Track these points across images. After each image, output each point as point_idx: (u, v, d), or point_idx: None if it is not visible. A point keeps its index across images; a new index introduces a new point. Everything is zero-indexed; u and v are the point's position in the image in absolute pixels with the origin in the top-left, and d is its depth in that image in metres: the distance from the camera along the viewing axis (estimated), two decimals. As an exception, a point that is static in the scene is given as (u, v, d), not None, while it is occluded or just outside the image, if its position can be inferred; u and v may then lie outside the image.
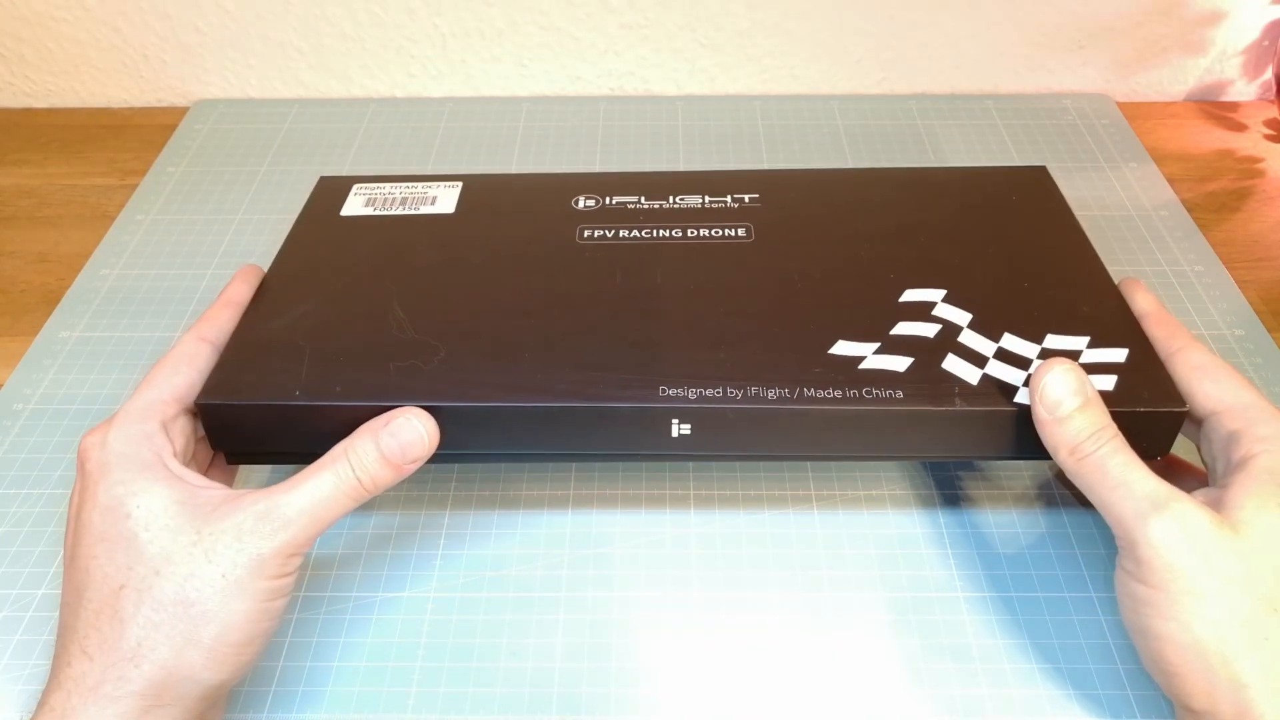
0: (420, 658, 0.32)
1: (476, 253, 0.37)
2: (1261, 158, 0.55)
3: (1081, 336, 0.32)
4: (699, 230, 0.38)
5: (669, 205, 0.39)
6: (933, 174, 0.43)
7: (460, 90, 0.60)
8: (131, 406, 0.28)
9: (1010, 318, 0.33)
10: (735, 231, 0.37)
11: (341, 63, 0.58)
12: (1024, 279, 0.35)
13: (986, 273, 0.35)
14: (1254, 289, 0.46)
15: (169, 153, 0.55)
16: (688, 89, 0.60)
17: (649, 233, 0.37)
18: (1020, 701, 0.31)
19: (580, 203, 0.39)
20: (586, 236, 0.37)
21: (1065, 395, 0.28)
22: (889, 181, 0.42)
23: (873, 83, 0.60)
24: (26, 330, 0.44)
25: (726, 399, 0.30)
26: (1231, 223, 0.50)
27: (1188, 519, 0.26)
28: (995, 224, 0.38)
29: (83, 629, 0.25)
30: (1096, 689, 0.31)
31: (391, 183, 0.41)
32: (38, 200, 0.52)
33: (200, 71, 0.59)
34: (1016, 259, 0.36)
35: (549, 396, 0.30)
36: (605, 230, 0.38)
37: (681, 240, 0.37)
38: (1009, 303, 0.33)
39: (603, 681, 0.31)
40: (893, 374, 0.31)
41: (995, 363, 0.31)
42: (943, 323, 0.33)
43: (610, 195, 0.40)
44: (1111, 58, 0.58)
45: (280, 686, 0.31)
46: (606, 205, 0.39)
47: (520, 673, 0.31)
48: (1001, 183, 0.40)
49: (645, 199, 0.40)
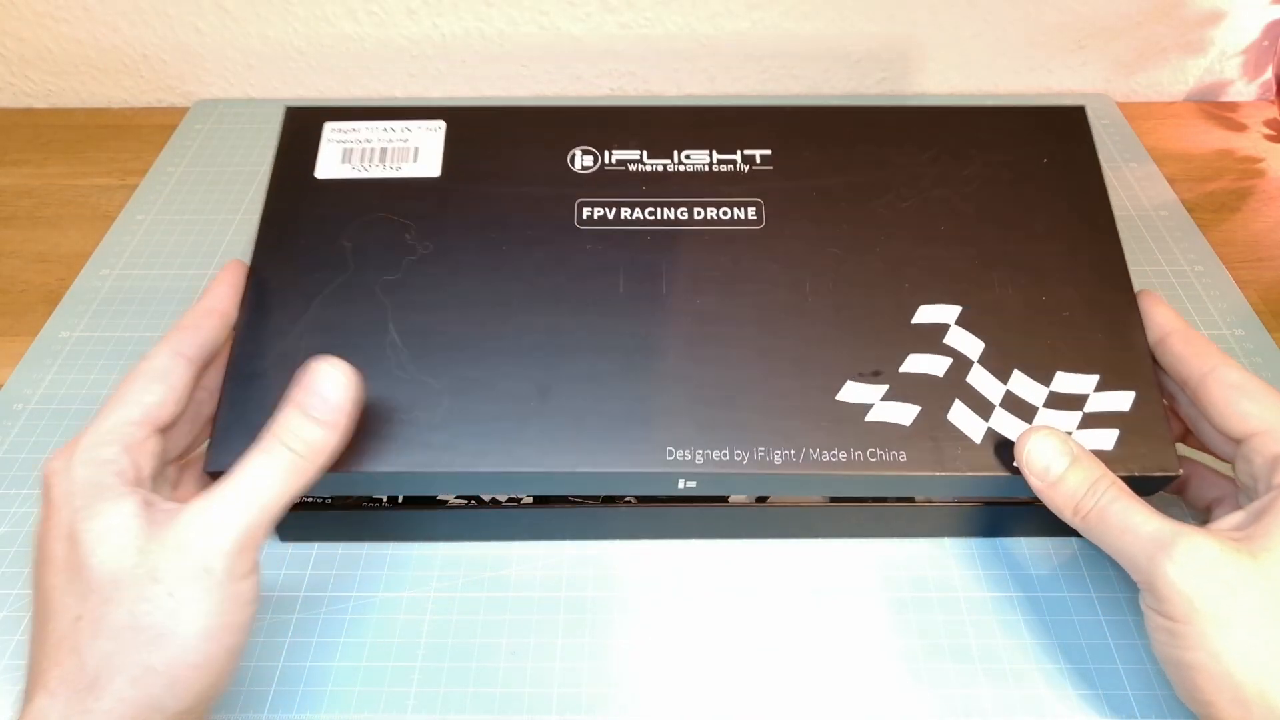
0: (420, 658, 0.32)
1: (468, 242, 0.34)
2: (1261, 158, 0.55)
3: (1090, 375, 0.31)
4: (706, 211, 0.35)
5: (673, 166, 0.36)
6: (961, 116, 0.38)
7: (460, 90, 0.60)
8: (98, 428, 0.27)
9: (1022, 348, 0.32)
10: (745, 213, 0.35)
11: (341, 63, 0.58)
12: (1042, 290, 0.33)
13: (1004, 279, 0.33)
14: (1254, 289, 0.46)
15: (169, 153, 0.55)
16: (688, 89, 0.60)
17: (652, 212, 0.35)
18: (1020, 702, 0.31)
19: (577, 160, 0.36)
20: (586, 218, 0.35)
21: (1052, 459, 0.29)
22: (912, 130, 0.37)
23: (873, 83, 0.60)
24: (26, 330, 0.44)
25: (733, 462, 0.30)
26: (1231, 223, 0.50)
27: (1199, 550, 0.26)
28: (1019, 204, 0.35)
29: (46, 663, 0.24)
30: (1097, 689, 0.31)
31: (367, 120, 0.37)
32: (38, 200, 0.52)
33: (200, 71, 0.59)
34: (1035, 255, 0.34)
35: (552, 462, 0.30)
36: (606, 209, 0.35)
37: (688, 225, 0.34)
38: (1024, 325, 0.32)
39: (603, 681, 0.31)
40: (898, 430, 0.30)
41: (1001, 412, 0.31)
42: (954, 355, 0.32)
43: (609, 147, 0.36)
44: (1111, 58, 0.58)
45: (280, 686, 0.31)
46: (606, 166, 0.36)
47: (520, 673, 0.31)
48: (1034, 133, 0.37)
49: (648, 155, 0.36)
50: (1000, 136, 0.37)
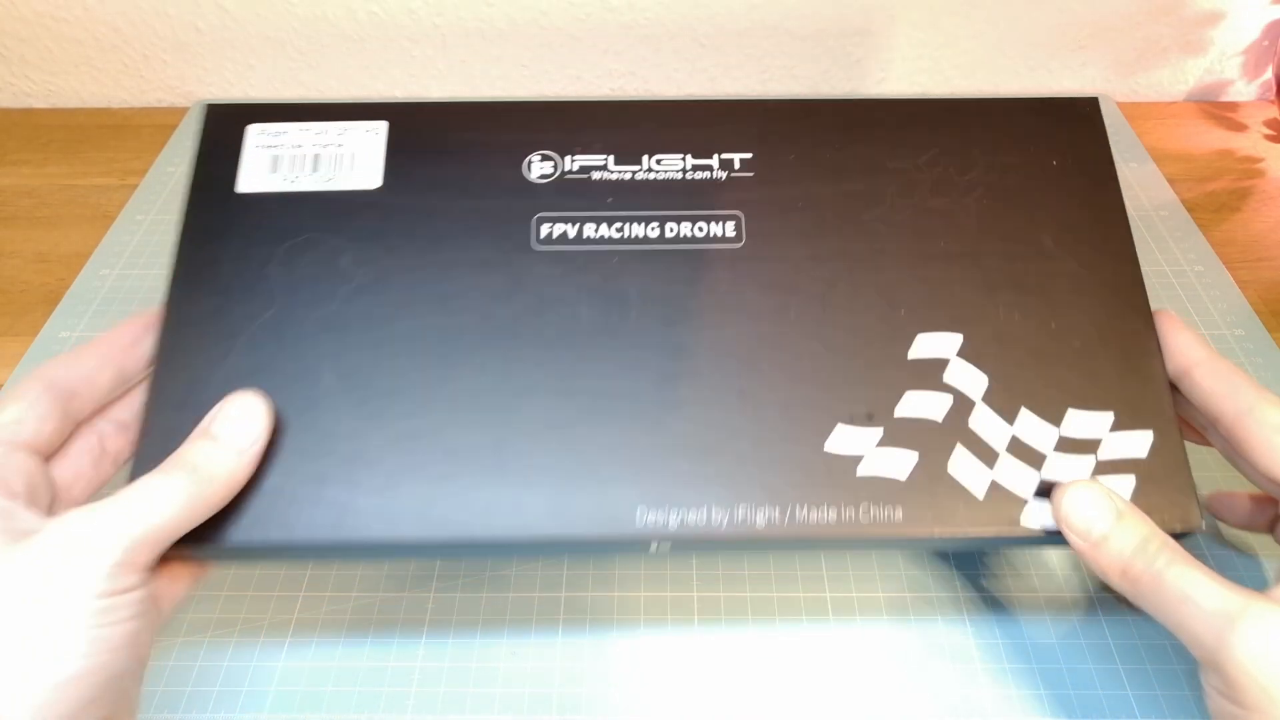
0: (420, 658, 0.32)
1: (413, 268, 0.30)
2: (1261, 158, 0.55)
3: (1105, 412, 0.29)
4: (679, 227, 0.31)
5: (643, 174, 0.32)
6: (962, 110, 0.34)
7: (460, 90, 0.60)
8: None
9: (1030, 381, 0.29)
10: (723, 229, 0.31)
11: (341, 63, 0.58)
12: (1051, 314, 0.30)
13: (1010, 303, 0.30)
14: (1254, 289, 0.46)
15: (169, 153, 0.55)
16: (688, 89, 0.60)
17: (619, 229, 0.31)
18: (1020, 701, 0.31)
19: (533, 167, 0.32)
20: (545, 237, 0.31)
21: (1095, 516, 0.26)
22: (908, 128, 0.33)
23: (873, 83, 0.60)
24: (26, 330, 0.44)
25: (710, 526, 0.27)
26: (1231, 223, 0.50)
27: (1274, 629, 0.23)
28: (1026, 214, 0.32)
29: None
30: (1096, 689, 0.31)
31: (297, 122, 0.33)
32: (38, 200, 0.52)
33: (200, 71, 0.59)
34: (1044, 275, 0.31)
35: (509, 527, 0.27)
36: (566, 225, 0.31)
37: (658, 244, 0.31)
38: (1032, 355, 0.29)
39: (603, 681, 0.31)
40: (893, 484, 0.27)
41: (1007, 458, 0.28)
42: (955, 394, 0.29)
43: (571, 151, 0.32)
44: (1111, 58, 0.58)
45: (280, 686, 0.31)
46: (566, 174, 0.32)
47: (520, 673, 0.31)
48: (1042, 129, 0.33)
49: (614, 161, 0.32)
50: (1005, 134, 0.33)
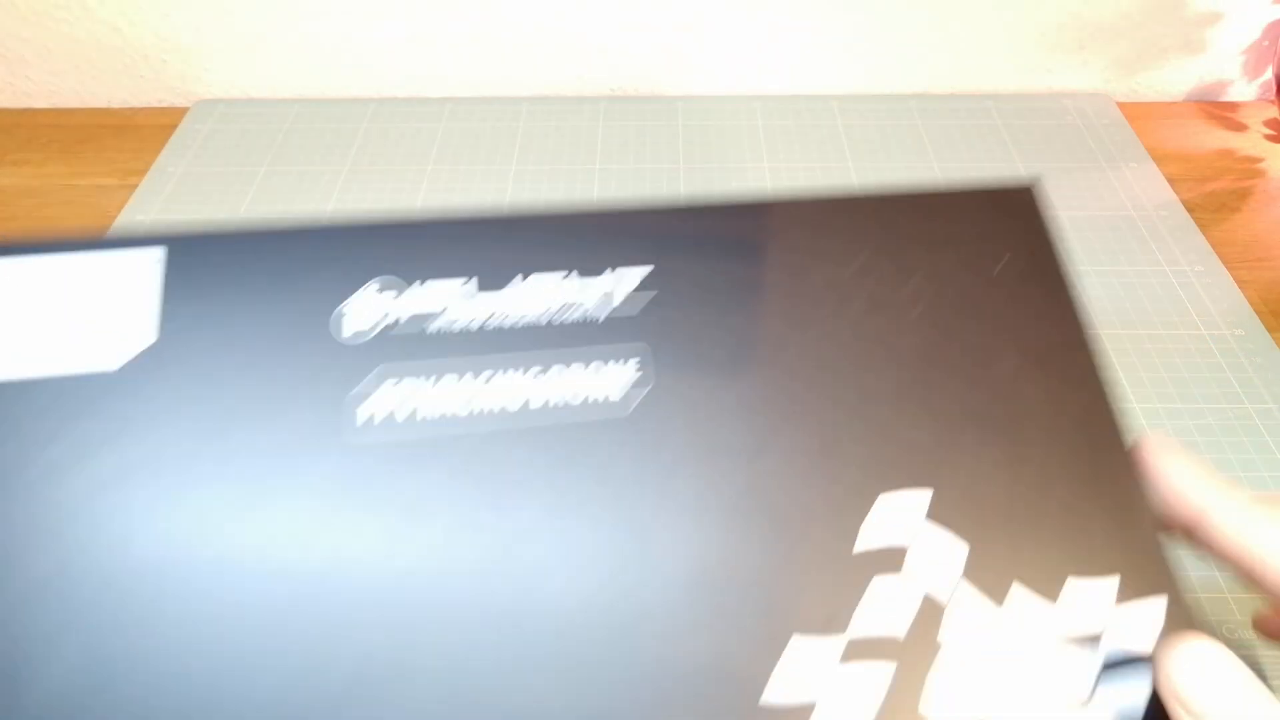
0: (421, 658, 0.32)
1: (187, 491, 0.20)
2: (1261, 158, 0.55)
3: (1109, 577, 0.21)
4: (551, 388, 0.22)
5: (502, 317, 0.23)
6: (894, 206, 0.27)
7: (460, 90, 0.60)
8: None
9: (1016, 543, 0.22)
10: (607, 392, 0.22)
11: (341, 63, 0.58)
12: (1024, 450, 0.23)
13: (977, 442, 0.23)
14: (1254, 289, 0.46)
15: (169, 153, 0.55)
16: (688, 89, 0.60)
17: (463, 406, 0.22)
18: (1021, 701, 0.31)
19: (345, 326, 0.22)
20: (364, 422, 0.21)
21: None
22: (835, 227, 0.26)
23: (873, 83, 0.60)
24: (27, 330, 0.44)
25: None
26: (1231, 223, 0.50)
27: None
28: (977, 331, 0.25)
29: None
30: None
31: (48, 254, 0.22)
32: (38, 200, 0.52)
33: (200, 71, 0.59)
34: (1008, 403, 0.24)
35: None
36: (394, 407, 0.22)
37: (516, 426, 0.22)
38: (1012, 507, 0.22)
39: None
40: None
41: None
42: (926, 578, 0.21)
43: (406, 286, 0.23)
44: (1111, 58, 0.59)
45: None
46: (393, 327, 0.23)
47: (521, 673, 0.31)
48: (981, 225, 0.27)
49: (451, 309, 0.23)
50: (940, 232, 0.27)
